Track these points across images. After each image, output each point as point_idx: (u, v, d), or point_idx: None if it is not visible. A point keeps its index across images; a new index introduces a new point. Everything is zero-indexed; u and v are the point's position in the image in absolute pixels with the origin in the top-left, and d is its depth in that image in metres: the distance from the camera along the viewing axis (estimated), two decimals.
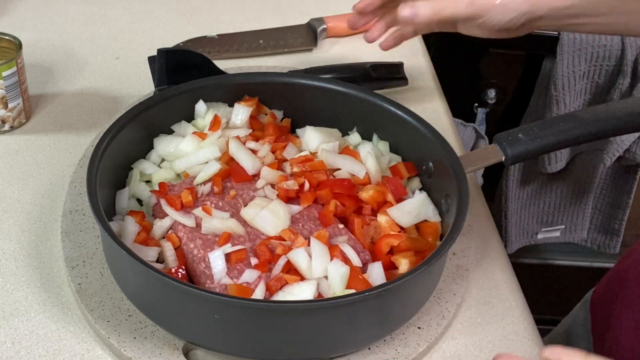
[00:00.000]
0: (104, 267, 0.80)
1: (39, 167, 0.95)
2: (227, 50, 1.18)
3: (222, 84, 0.93)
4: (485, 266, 0.87)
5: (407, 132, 0.88)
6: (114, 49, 1.19)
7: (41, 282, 0.81)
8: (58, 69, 1.13)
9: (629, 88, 1.43)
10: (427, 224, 0.82)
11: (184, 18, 1.27)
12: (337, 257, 0.75)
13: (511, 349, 0.78)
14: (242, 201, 0.82)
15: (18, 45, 0.99)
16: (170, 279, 0.67)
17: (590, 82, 1.46)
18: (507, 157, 0.85)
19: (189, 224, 0.78)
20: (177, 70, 0.96)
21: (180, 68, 0.96)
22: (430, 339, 0.76)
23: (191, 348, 0.75)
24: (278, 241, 0.77)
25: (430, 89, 1.15)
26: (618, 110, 0.89)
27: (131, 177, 0.86)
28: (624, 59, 1.40)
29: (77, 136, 1.00)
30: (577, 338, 1.00)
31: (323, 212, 0.81)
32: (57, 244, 0.85)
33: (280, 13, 1.29)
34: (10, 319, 0.77)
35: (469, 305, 0.82)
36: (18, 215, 0.89)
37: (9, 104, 0.98)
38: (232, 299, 0.69)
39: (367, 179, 0.85)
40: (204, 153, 0.86)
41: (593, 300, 0.99)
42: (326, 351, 0.73)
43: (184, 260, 0.77)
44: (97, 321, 0.75)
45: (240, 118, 0.91)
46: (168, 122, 0.90)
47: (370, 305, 0.70)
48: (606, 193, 1.63)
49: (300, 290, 0.72)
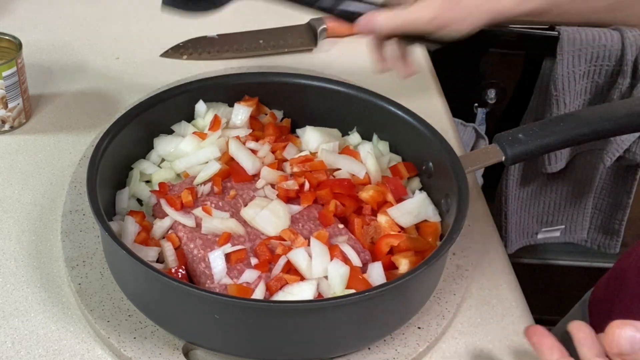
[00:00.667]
0: (104, 267, 0.80)
1: (39, 167, 0.95)
2: (227, 50, 1.18)
3: (222, 84, 0.93)
4: (485, 266, 0.87)
5: (407, 132, 0.88)
6: (114, 49, 1.19)
7: (41, 282, 0.81)
8: (58, 69, 1.13)
9: (629, 88, 1.43)
10: (427, 224, 0.82)
11: (184, 18, 1.27)
12: (337, 257, 0.75)
13: (511, 349, 0.78)
14: (242, 201, 0.82)
15: (18, 45, 0.99)
16: (170, 279, 0.67)
17: (590, 82, 1.46)
18: (507, 157, 0.85)
19: (189, 224, 0.78)
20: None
21: None
22: (430, 339, 0.76)
23: (191, 348, 0.75)
24: (278, 241, 0.77)
25: (430, 89, 1.15)
26: (618, 110, 0.89)
27: (131, 177, 0.86)
28: (624, 59, 1.40)
29: (77, 136, 1.00)
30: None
31: (323, 212, 0.81)
32: (57, 244, 0.85)
33: (280, 13, 1.29)
34: (10, 319, 0.77)
35: (469, 305, 0.82)
36: (18, 215, 0.89)
37: (9, 104, 0.98)
38: (232, 299, 0.69)
39: (367, 179, 0.85)
40: (204, 153, 0.86)
41: (592, 300, 0.99)
42: (326, 351, 0.73)
43: (184, 260, 0.77)
44: (97, 321, 0.75)
45: (240, 118, 0.91)
46: (168, 122, 0.90)
47: (370, 305, 0.70)
48: (606, 193, 1.62)
49: (300, 290, 0.72)
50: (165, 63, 1.16)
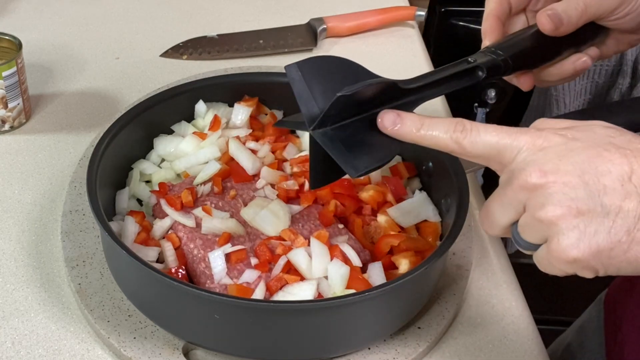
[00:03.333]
0: (104, 267, 0.80)
1: (39, 167, 0.95)
2: (227, 50, 1.18)
3: (222, 84, 0.93)
4: (485, 266, 0.87)
5: None
6: (114, 49, 1.19)
7: (41, 282, 0.81)
8: (58, 69, 1.13)
9: (628, 88, 1.43)
10: (427, 224, 0.82)
11: (184, 18, 1.27)
12: (337, 257, 0.75)
13: (511, 349, 0.78)
14: (242, 201, 0.82)
15: (18, 45, 0.99)
16: (170, 279, 0.67)
17: (590, 82, 1.46)
18: None
19: (189, 224, 0.78)
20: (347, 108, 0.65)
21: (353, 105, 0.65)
22: (430, 339, 0.76)
23: (191, 348, 0.75)
24: (278, 241, 0.77)
25: None
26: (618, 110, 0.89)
27: (131, 177, 0.86)
28: (624, 59, 1.40)
29: (77, 136, 1.00)
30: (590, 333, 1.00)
31: (323, 212, 0.81)
32: (57, 244, 0.85)
33: (280, 13, 1.29)
34: (10, 319, 0.77)
35: (469, 305, 0.82)
36: (18, 215, 0.89)
37: (9, 104, 0.98)
38: (232, 299, 0.69)
39: (367, 179, 0.85)
40: (204, 153, 0.86)
41: (607, 297, 0.99)
42: (326, 351, 0.73)
43: (184, 260, 0.77)
44: (97, 321, 0.75)
45: (240, 118, 0.91)
46: (168, 122, 0.90)
47: (370, 305, 0.70)
48: None
49: (300, 290, 0.72)
50: (165, 63, 1.16)
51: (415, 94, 0.68)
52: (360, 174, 0.63)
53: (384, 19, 1.26)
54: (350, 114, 0.64)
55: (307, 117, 0.64)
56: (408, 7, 1.30)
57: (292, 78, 0.65)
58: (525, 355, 0.77)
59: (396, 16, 1.27)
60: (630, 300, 0.91)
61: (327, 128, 0.64)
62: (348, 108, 0.64)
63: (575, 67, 0.78)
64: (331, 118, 0.64)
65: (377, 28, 1.26)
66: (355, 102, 0.63)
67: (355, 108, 0.64)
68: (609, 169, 0.54)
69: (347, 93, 0.62)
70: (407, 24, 1.28)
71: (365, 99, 0.64)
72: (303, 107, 0.65)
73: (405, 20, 1.28)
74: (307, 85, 0.65)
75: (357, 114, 0.64)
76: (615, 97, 1.43)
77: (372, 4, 1.29)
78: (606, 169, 0.54)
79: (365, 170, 0.64)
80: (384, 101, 0.65)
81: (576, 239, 0.54)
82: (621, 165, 0.54)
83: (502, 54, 0.72)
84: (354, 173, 0.63)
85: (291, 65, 0.65)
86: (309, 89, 0.65)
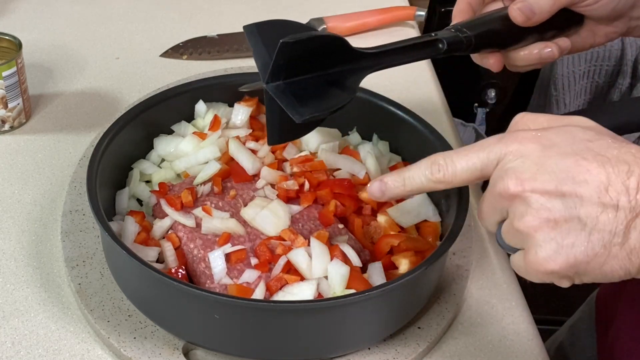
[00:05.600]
0: (104, 267, 0.80)
1: (39, 167, 0.95)
2: (227, 50, 1.18)
3: (222, 84, 0.93)
4: (485, 266, 0.87)
5: (407, 132, 0.88)
6: (114, 49, 1.19)
7: (41, 282, 0.81)
8: (58, 69, 1.13)
9: (628, 88, 1.43)
10: (427, 224, 0.82)
11: (184, 18, 1.27)
12: (337, 257, 0.75)
13: (511, 349, 0.78)
14: (242, 201, 0.82)
15: (18, 45, 0.99)
16: (170, 279, 0.67)
17: (590, 82, 1.46)
18: None
19: (189, 224, 0.78)
20: (298, 61, 0.67)
21: (304, 59, 0.67)
22: (430, 339, 0.76)
23: (191, 348, 0.75)
24: (278, 241, 0.77)
25: (430, 89, 1.15)
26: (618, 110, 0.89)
27: (131, 177, 0.86)
28: (624, 59, 1.41)
29: (77, 136, 1.00)
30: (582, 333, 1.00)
31: (323, 212, 0.81)
32: (57, 244, 0.85)
33: (280, 13, 1.29)
34: (10, 319, 0.77)
35: (469, 305, 0.82)
36: (18, 215, 0.89)
37: (9, 104, 0.98)
38: (232, 299, 0.69)
39: (367, 179, 0.85)
40: (204, 153, 0.86)
41: (598, 296, 0.99)
42: (326, 351, 0.73)
43: (184, 260, 0.77)
44: (97, 321, 0.75)
45: (240, 118, 0.91)
46: (168, 122, 0.90)
47: (370, 305, 0.70)
48: None
49: (300, 290, 0.72)
50: (165, 63, 1.16)
51: (372, 59, 0.69)
52: (304, 119, 0.65)
53: (384, 19, 1.26)
54: (304, 70, 0.66)
55: (262, 71, 0.66)
56: (408, 7, 1.30)
57: (250, 36, 0.68)
58: (525, 355, 0.77)
59: (396, 16, 1.27)
60: (620, 300, 0.91)
61: (280, 82, 0.66)
62: (300, 63, 0.65)
63: (540, 55, 0.79)
64: (284, 72, 0.65)
65: (377, 28, 1.26)
66: (306, 56, 0.65)
67: (308, 64, 0.66)
68: (585, 179, 0.54)
69: (290, 40, 0.63)
70: (407, 24, 1.29)
71: (316, 55, 0.66)
72: (258, 62, 0.67)
73: (405, 20, 1.28)
74: (263, 42, 0.68)
75: (311, 72, 0.66)
76: (615, 97, 1.44)
77: (372, 4, 1.29)
78: (583, 179, 0.54)
79: (309, 116, 0.65)
80: (338, 62, 0.67)
81: (553, 252, 0.54)
82: (598, 176, 0.53)
83: (467, 31, 0.75)
84: (299, 118, 0.65)
85: (250, 24, 0.69)
86: (264, 45, 0.67)
